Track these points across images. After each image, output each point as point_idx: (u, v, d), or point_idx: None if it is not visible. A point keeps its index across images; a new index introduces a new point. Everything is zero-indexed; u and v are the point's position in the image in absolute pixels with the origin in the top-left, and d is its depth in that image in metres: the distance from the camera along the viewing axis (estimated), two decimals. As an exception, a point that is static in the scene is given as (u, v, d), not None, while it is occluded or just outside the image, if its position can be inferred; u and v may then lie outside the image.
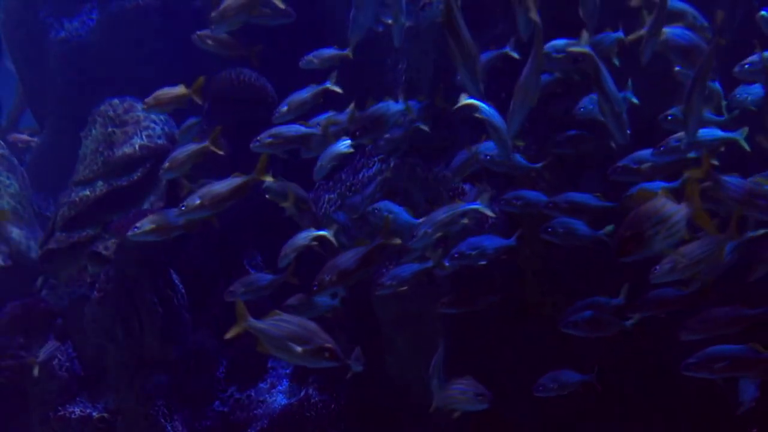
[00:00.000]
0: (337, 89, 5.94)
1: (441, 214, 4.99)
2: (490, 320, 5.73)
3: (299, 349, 3.83)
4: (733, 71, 4.84)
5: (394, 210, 5.44)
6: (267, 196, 5.82)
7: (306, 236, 5.45)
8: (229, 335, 4.04)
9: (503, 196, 5.26)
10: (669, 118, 4.91)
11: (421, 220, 5.15)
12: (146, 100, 6.08)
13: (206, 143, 5.59)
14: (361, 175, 6.56)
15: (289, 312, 5.39)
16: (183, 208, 5.22)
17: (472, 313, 5.46)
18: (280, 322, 3.93)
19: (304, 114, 5.87)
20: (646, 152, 4.87)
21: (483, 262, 5.18)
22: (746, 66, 4.78)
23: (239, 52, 6.26)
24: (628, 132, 4.64)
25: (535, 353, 5.55)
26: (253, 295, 5.82)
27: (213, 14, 5.58)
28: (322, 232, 5.41)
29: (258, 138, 5.70)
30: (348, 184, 6.70)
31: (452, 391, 4.90)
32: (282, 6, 5.78)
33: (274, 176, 5.49)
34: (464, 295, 5.44)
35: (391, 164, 6.27)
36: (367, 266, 4.87)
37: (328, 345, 3.82)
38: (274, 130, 5.72)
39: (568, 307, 5.13)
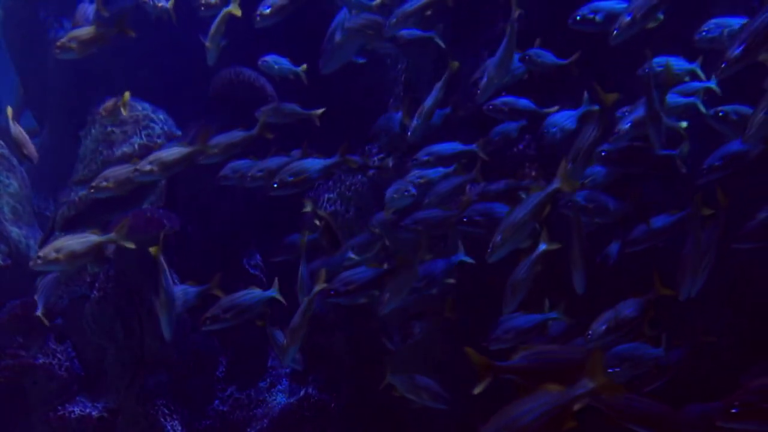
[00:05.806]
0: (269, 135, 5.95)
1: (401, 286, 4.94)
2: (490, 321, 5.72)
3: None
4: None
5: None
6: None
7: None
8: (477, 390, 3.59)
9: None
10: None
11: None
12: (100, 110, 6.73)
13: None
14: (360, 176, 6.57)
15: (219, 321, 5.41)
16: (39, 260, 5.45)
17: (472, 313, 5.46)
18: (541, 355, 3.53)
19: (235, 155, 5.93)
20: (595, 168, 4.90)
21: (434, 291, 5.20)
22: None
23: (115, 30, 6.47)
24: None
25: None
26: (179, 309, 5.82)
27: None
28: None
29: (137, 168, 5.63)
30: (347, 183, 6.70)
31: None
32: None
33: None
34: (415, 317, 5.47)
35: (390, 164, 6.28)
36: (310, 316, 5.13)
37: None
38: (152, 156, 5.69)
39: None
